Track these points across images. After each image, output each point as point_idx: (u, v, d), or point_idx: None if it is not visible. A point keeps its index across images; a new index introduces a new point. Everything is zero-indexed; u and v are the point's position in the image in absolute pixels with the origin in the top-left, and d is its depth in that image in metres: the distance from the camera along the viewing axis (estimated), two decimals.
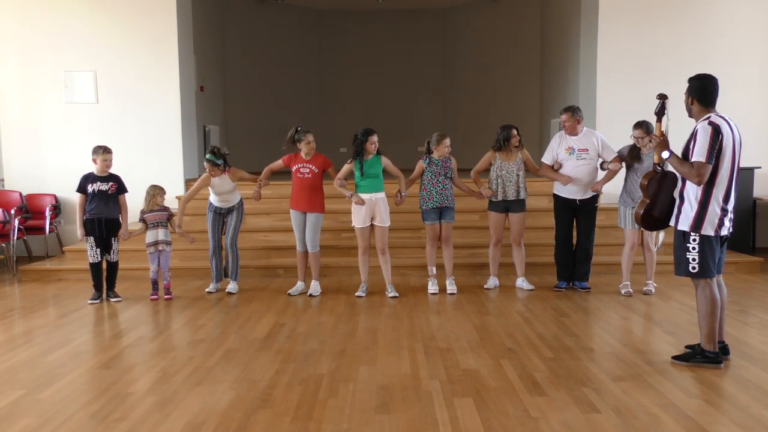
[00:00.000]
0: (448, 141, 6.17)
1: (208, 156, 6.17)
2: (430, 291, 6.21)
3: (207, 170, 6.17)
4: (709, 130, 3.78)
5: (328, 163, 6.21)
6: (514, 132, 6.18)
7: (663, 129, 4.25)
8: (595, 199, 6.20)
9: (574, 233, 6.25)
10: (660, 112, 4.26)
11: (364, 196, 6.01)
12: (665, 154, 3.99)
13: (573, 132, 6.12)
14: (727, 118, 3.92)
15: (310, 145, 6.09)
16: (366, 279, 6.20)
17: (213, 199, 6.34)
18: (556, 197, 6.26)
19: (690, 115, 4.07)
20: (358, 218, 6.05)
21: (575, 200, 6.13)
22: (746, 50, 8.44)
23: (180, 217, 6.30)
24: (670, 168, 4.11)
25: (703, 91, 3.96)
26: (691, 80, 4.03)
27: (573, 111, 6.12)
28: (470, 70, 13.74)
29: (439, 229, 6.18)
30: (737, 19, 8.51)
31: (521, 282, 6.35)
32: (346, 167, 6.09)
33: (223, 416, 3.34)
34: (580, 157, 6.06)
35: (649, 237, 6.03)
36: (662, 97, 4.31)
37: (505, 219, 6.33)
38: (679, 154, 3.95)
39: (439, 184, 6.11)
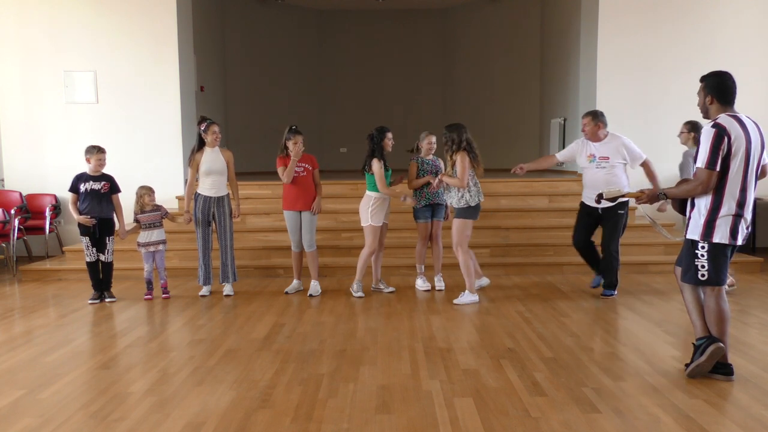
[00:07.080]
0: (430, 139, 6.16)
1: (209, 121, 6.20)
2: (421, 288, 6.27)
3: (216, 135, 6.12)
4: (712, 133, 3.55)
5: (315, 163, 6.23)
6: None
7: (620, 192, 4.31)
8: (620, 206, 5.68)
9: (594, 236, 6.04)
10: (608, 201, 4.37)
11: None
12: (662, 198, 3.89)
13: (594, 138, 5.77)
14: (742, 117, 3.66)
15: (297, 145, 5.95)
16: (362, 278, 6.18)
17: (202, 186, 6.17)
18: (581, 204, 5.99)
19: (706, 116, 3.78)
20: (379, 216, 6.01)
21: (597, 209, 5.71)
22: (746, 50, 8.44)
23: (187, 202, 6.26)
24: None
25: (722, 89, 3.67)
26: (707, 78, 3.74)
27: (593, 116, 5.77)
28: (470, 70, 13.74)
29: (430, 227, 6.21)
30: (737, 19, 8.51)
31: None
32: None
33: (223, 416, 3.34)
34: (600, 165, 5.70)
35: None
36: (599, 198, 4.39)
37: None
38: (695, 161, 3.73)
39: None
